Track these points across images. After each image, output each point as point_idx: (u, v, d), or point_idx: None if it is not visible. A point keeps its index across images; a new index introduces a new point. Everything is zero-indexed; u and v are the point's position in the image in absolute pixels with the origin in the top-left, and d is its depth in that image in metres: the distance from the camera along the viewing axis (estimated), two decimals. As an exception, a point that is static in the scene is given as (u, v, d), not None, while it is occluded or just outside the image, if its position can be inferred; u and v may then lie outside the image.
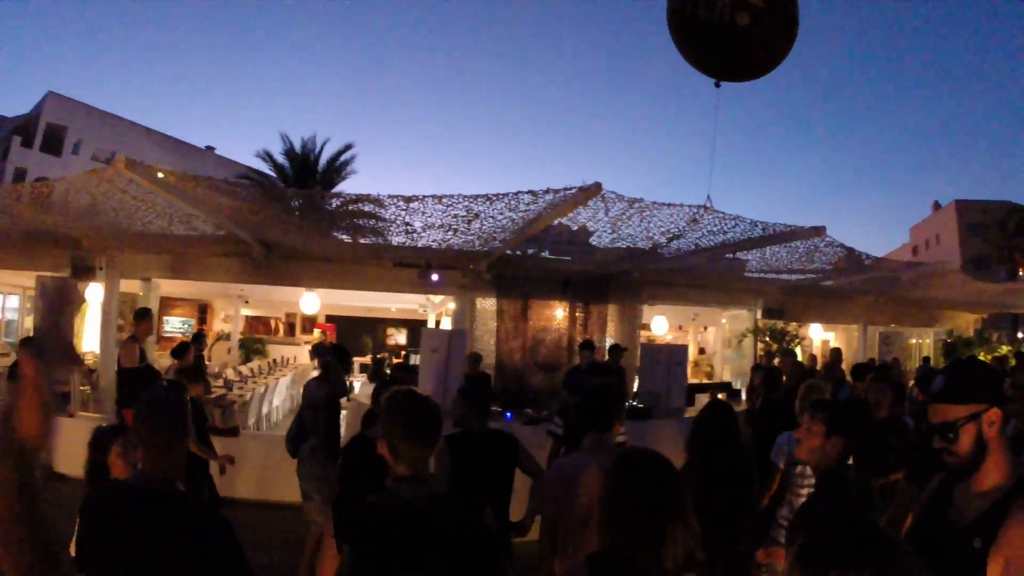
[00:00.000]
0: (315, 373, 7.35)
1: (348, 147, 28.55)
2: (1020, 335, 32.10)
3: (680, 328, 21.00)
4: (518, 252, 10.92)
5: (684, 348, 11.23)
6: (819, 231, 8.82)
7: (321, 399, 6.38)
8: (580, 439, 4.10)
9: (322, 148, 27.87)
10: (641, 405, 9.40)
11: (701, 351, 21.49)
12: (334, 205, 10.11)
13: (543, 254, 11.30)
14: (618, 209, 7.81)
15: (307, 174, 26.64)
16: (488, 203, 7.52)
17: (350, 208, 9.96)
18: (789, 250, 10.15)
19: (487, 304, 11.77)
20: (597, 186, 6.84)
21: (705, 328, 21.10)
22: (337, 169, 28.39)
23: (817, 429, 3.21)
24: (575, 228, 9.19)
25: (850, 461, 5.28)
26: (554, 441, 6.38)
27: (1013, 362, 15.23)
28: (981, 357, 18.70)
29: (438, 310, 16.01)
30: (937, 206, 63.32)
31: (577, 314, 12.26)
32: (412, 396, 2.64)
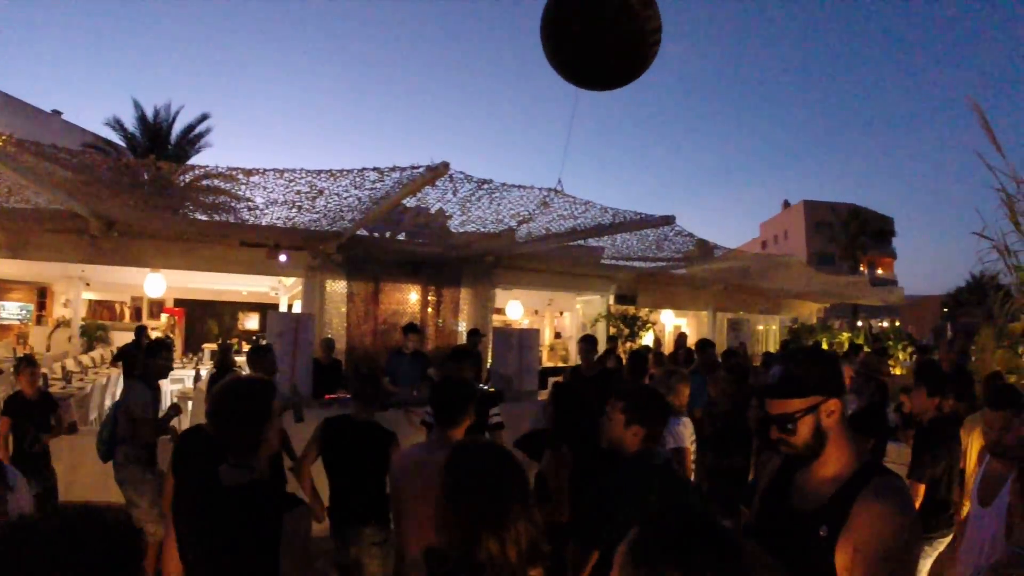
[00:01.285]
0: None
1: (204, 117, 27.13)
2: (860, 323, 34.24)
3: (536, 313, 21.21)
4: (374, 233, 10.62)
5: (536, 332, 11.18)
6: (668, 220, 8.94)
7: (139, 405, 5.81)
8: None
9: (175, 117, 26.40)
10: (492, 388, 9.34)
11: (557, 335, 21.84)
12: (164, 174, 9.21)
13: (400, 236, 11.00)
14: (467, 190, 7.61)
15: (159, 145, 24.97)
16: (332, 179, 7.14)
17: (203, 183, 9.41)
18: (640, 238, 10.27)
19: (337, 287, 11.34)
20: (445, 165, 6.61)
21: (561, 313, 21.40)
22: (191, 141, 26.91)
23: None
24: (432, 211, 8.98)
25: (691, 446, 5.40)
26: (428, 430, 6.14)
27: (866, 349, 16.05)
28: (823, 342, 19.80)
29: (290, 293, 15.41)
30: (787, 204, 67.19)
31: (430, 298, 12.04)
32: (235, 385, 2.57)
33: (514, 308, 17.01)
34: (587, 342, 8.07)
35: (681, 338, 13.75)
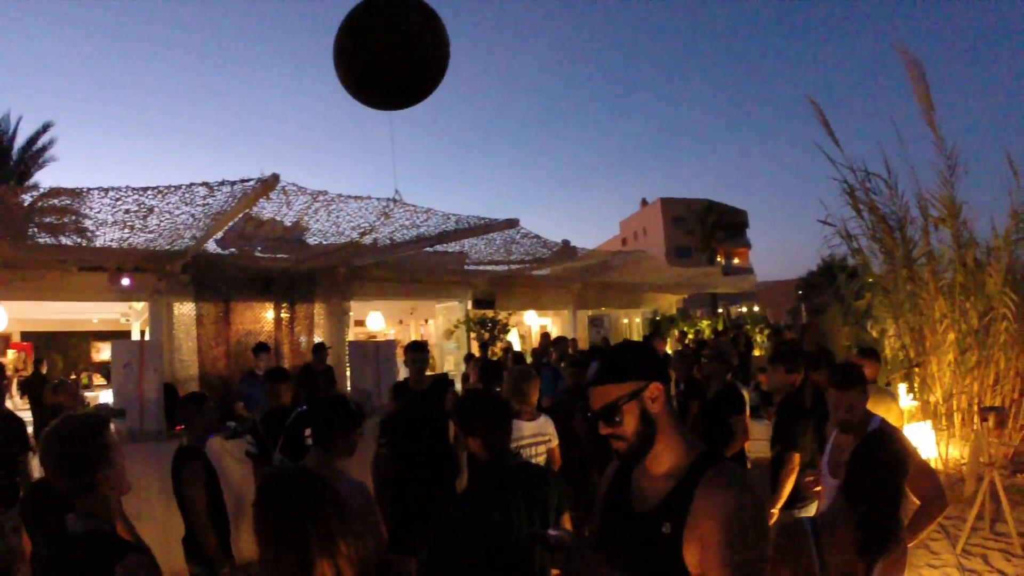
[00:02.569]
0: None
1: (47, 127, 24.89)
2: (720, 311, 35.67)
3: (401, 323, 21.06)
4: (225, 251, 10.21)
5: (393, 343, 11.10)
6: (512, 223, 9.06)
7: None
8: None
9: (16, 129, 24.30)
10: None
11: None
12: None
13: (257, 251, 10.56)
14: (302, 203, 7.49)
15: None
16: (160, 196, 6.86)
17: (49, 202, 8.90)
18: (487, 242, 10.39)
19: (185, 309, 10.81)
20: (275, 178, 6.45)
21: (426, 321, 21.28)
22: (34, 155, 24.85)
23: (459, 431, 3.20)
24: (289, 224, 8.74)
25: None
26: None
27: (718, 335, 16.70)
28: (686, 330, 20.53)
29: (141, 318, 14.61)
30: (645, 202, 69.38)
31: (284, 315, 11.62)
32: (58, 426, 2.39)
33: (375, 319, 16.74)
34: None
35: (545, 337, 13.96)
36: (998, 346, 9.44)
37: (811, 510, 4.60)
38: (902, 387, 9.95)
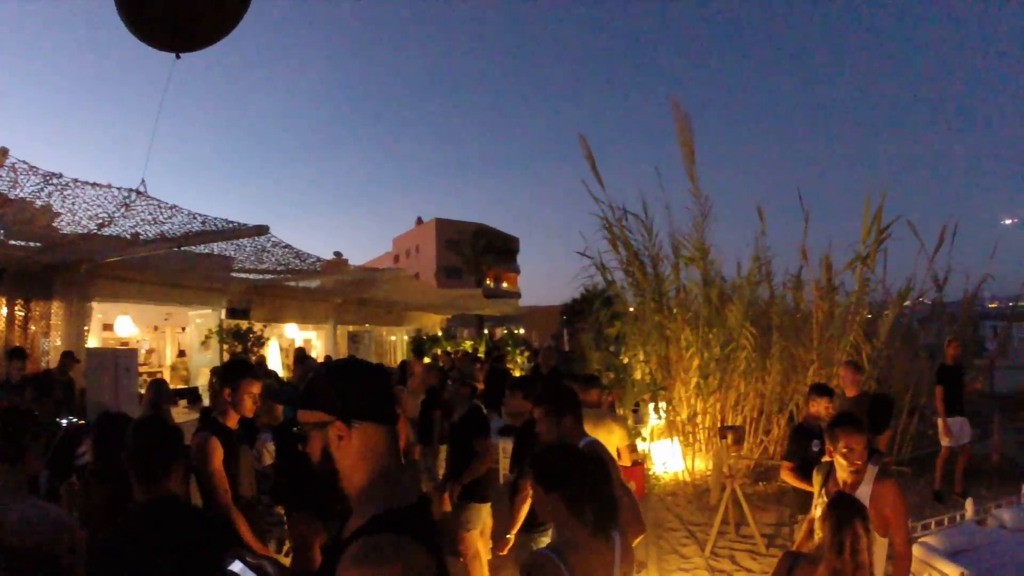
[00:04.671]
0: None
1: None
2: (486, 331, 36.43)
3: (156, 329, 19.47)
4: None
5: (134, 352, 10.21)
6: (262, 229, 8.65)
7: None
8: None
9: None
10: (81, 421, 8.17)
11: (181, 353, 20.06)
12: None
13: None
14: (34, 185, 6.66)
15: None
16: None
17: None
18: (237, 248, 9.87)
19: None
20: (3, 152, 5.78)
21: (184, 328, 19.77)
22: None
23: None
24: (39, 204, 7.65)
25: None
26: None
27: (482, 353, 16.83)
28: (448, 350, 20.62)
29: None
30: (420, 221, 69.61)
31: (18, 312, 10.15)
32: None
33: (123, 324, 15.17)
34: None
35: (299, 352, 13.49)
36: (738, 373, 10.28)
37: (549, 535, 4.60)
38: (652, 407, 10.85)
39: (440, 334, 24.52)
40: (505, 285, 67.06)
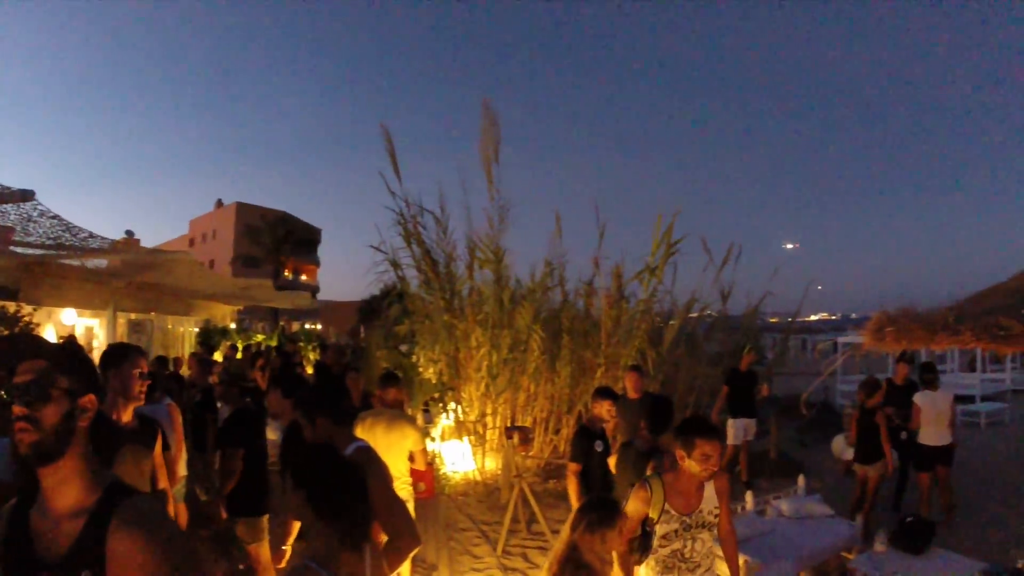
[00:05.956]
0: None
1: None
2: (282, 324, 35.37)
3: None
4: None
5: None
6: (27, 195, 7.88)
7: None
8: None
9: None
10: None
11: None
12: None
13: None
14: None
15: None
16: None
17: None
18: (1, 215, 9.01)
19: None
20: None
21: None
22: None
23: None
24: None
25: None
26: None
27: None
28: (237, 344, 19.80)
29: None
30: (220, 204, 66.21)
31: None
32: None
33: None
34: None
35: (71, 340, 12.46)
36: (527, 374, 10.43)
37: None
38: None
39: (233, 326, 23.56)
40: (304, 278, 65.13)
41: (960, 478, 8.95)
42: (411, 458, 5.13)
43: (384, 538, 3.06)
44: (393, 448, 4.84)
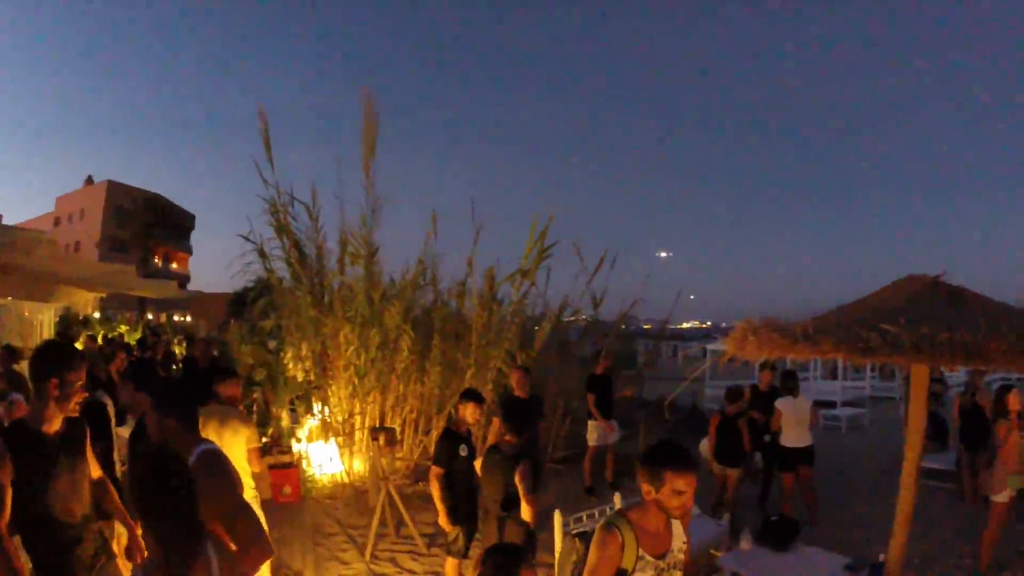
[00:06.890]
0: None
1: None
2: (150, 316, 33.97)
3: None
4: None
5: None
6: None
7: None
8: None
9: None
10: None
11: None
12: None
13: None
14: None
15: None
16: None
17: None
18: None
19: None
20: None
21: None
22: None
23: None
24: None
25: None
26: None
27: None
28: (95, 334, 18.91)
29: None
30: (90, 181, 61.67)
31: None
32: None
33: None
34: None
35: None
36: (396, 374, 10.34)
37: None
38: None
39: (96, 315, 22.51)
40: (175, 266, 62.37)
41: (823, 479, 9.36)
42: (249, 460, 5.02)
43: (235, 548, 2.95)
44: (227, 448, 4.51)
